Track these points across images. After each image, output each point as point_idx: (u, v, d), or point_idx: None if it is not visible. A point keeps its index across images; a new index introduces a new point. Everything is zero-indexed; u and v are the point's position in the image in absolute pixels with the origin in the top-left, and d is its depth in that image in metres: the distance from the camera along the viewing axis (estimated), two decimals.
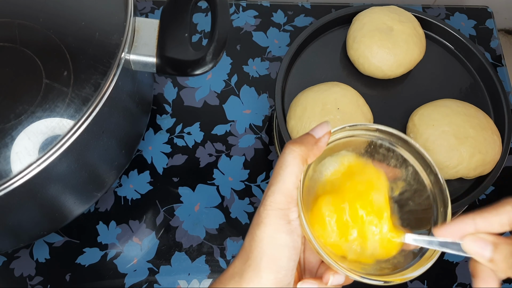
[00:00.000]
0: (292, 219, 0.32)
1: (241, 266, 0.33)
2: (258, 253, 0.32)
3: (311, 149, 0.33)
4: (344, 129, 0.34)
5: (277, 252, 0.31)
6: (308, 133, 0.34)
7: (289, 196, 0.32)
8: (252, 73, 0.65)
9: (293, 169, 0.32)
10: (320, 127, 0.34)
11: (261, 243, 0.31)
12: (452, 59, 0.61)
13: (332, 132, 0.34)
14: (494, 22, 0.71)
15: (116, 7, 0.43)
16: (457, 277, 0.56)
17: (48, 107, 0.38)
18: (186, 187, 0.59)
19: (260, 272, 0.31)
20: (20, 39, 0.40)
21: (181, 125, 0.62)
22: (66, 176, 0.42)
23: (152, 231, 0.56)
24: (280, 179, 0.32)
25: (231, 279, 0.33)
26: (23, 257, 0.54)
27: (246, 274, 0.32)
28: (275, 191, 0.32)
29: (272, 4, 0.70)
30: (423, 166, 0.34)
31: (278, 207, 0.32)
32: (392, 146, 0.35)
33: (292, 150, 0.32)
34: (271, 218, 0.31)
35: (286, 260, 0.32)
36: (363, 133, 0.35)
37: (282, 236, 0.31)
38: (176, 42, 0.44)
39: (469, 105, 0.55)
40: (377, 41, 0.56)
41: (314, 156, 0.33)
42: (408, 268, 0.32)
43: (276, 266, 0.31)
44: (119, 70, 0.41)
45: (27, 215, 0.44)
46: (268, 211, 0.32)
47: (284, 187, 0.32)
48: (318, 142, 0.33)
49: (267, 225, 0.31)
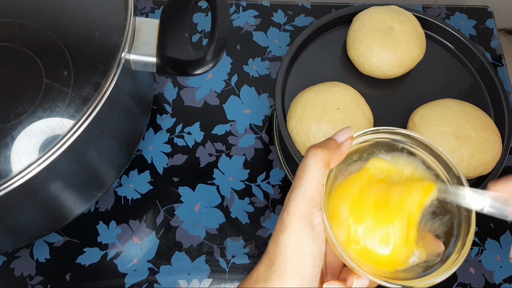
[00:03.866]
0: (316, 224, 0.32)
1: (265, 272, 0.32)
2: (283, 260, 0.31)
3: (333, 153, 0.32)
4: (366, 134, 0.34)
5: (302, 260, 0.31)
6: (331, 138, 0.33)
7: (313, 200, 0.31)
8: (252, 73, 0.65)
9: (316, 173, 0.31)
10: (342, 131, 0.33)
11: (286, 250, 0.31)
12: (452, 59, 0.61)
13: (354, 136, 0.34)
14: (494, 22, 0.71)
15: (116, 7, 0.43)
16: (457, 277, 0.56)
17: (48, 107, 0.38)
18: (186, 187, 0.59)
19: (285, 279, 0.31)
20: (20, 39, 0.40)
21: (181, 125, 0.62)
22: (66, 176, 0.42)
23: (152, 231, 0.56)
24: (303, 183, 0.32)
25: (256, 284, 0.33)
26: (23, 257, 0.55)
27: (271, 281, 0.32)
28: (298, 195, 0.31)
29: (272, 4, 0.70)
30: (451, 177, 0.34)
31: (301, 212, 0.31)
32: (414, 149, 0.35)
33: (314, 154, 0.32)
34: (295, 224, 0.31)
35: (311, 267, 0.31)
36: (385, 136, 0.35)
37: (306, 243, 0.31)
38: (176, 42, 0.44)
39: (469, 105, 0.55)
40: (377, 41, 0.56)
41: (336, 160, 0.33)
42: (429, 274, 0.32)
43: (301, 273, 0.31)
44: (119, 70, 0.41)
45: (28, 215, 0.44)
46: (291, 216, 0.31)
47: (307, 192, 0.31)
48: (340, 147, 0.33)
49: (291, 232, 0.31)
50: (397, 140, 0.35)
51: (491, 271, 0.56)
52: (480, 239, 0.57)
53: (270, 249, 0.32)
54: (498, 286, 0.55)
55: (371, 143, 0.35)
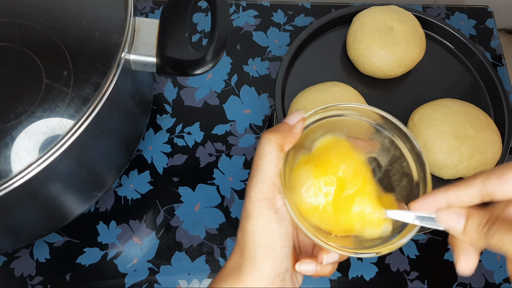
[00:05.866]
0: (279, 206, 0.32)
1: (238, 261, 0.34)
2: (252, 246, 0.32)
3: (286, 136, 0.33)
4: (317, 113, 0.35)
5: (271, 242, 0.32)
6: (283, 121, 0.34)
7: (272, 184, 0.32)
8: (252, 73, 0.65)
9: (271, 157, 0.32)
10: (294, 114, 0.34)
11: (253, 236, 0.32)
12: (452, 59, 0.61)
13: (306, 117, 0.34)
14: (494, 21, 0.71)
15: (116, 7, 0.43)
16: (457, 277, 0.56)
17: (48, 107, 0.38)
18: (186, 187, 0.59)
19: (257, 263, 0.32)
20: (20, 39, 0.40)
21: (181, 125, 0.62)
22: (66, 176, 0.42)
23: (152, 231, 0.56)
24: (260, 169, 0.32)
25: (230, 274, 0.34)
26: (24, 257, 0.55)
27: (244, 267, 0.33)
28: (258, 181, 0.32)
29: (272, 4, 0.70)
30: (399, 136, 0.35)
31: (263, 197, 0.32)
32: (367, 121, 0.36)
33: (268, 139, 0.33)
34: (258, 210, 0.32)
35: (280, 248, 0.32)
36: (336, 113, 0.35)
37: (272, 226, 0.32)
38: (176, 42, 0.44)
39: (469, 104, 0.55)
40: (377, 40, 0.56)
41: (290, 142, 0.33)
42: (394, 238, 0.33)
43: (272, 255, 0.32)
44: (119, 70, 0.41)
45: (28, 215, 0.44)
46: (254, 203, 0.32)
47: (266, 176, 0.32)
48: (293, 129, 0.34)
49: (255, 218, 0.32)
50: (349, 114, 0.36)
51: (491, 271, 0.56)
52: None
53: (239, 238, 0.33)
54: (498, 286, 0.55)
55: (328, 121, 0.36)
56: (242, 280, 0.33)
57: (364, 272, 0.55)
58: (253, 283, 0.32)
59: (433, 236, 0.57)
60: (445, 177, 0.53)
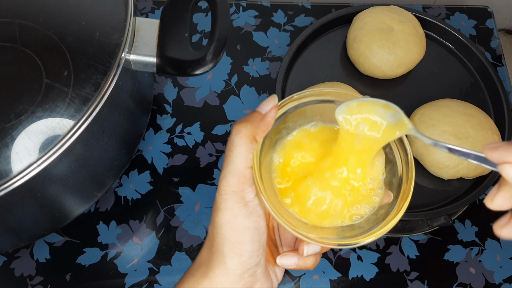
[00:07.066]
0: (249, 200, 0.31)
1: (206, 255, 0.33)
2: (220, 240, 0.32)
3: (258, 126, 0.32)
4: (292, 99, 0.33)
5: (238, 237, 0.31)
6: (255, 110, 0.33)
7: (242, 177, 0.31)
8: (252, 73, 0.65)
9: (241, 149, 0.31)
10: (266, 101, 0.33)
11: (221, 229, 0.31)
12: (452, 59, 0.61)
13: (279, 104, 0.33)
14: (494, 22, 0.71)
15: (116, 7, 0.43)
16: (457, 277, 0.56)
17: (48, 107, 0.38)
18: (186, 187, 0.59)
19: (224, 258, 0.32)
20: (20, 39, 0.40)
21: (181, 125, 0.62)
22: (66, 176, 0.42)
23: (152, 231, 0.56)
24: (230, 161, 0.31)
25: (198, 268, 0.33)
26: (24, 257, 0.54)
27: (211, 262, 0.32)
28: (227, 174, 0.31)
29: (272, 4, 0.70)
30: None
31: (231, 190, 0.31)
32: None
33: (238, 131, 0.31)
34: (227, 203, 0.31)
35: (249, 243, 0.31)
36: (313, 99, 0.34)
37: (240, 219, 0.31)
38: (176, 42, 0.44)
39: (469, 105, 0.55)
40: (377, 40, 0.56)
41: (262, 132, 0.32)
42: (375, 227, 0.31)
43: (239, 250, 0.31)
44: (119, 70, 0.41)
45: (28, 215, 0.44)
46: (222, 196, 0.31)
47: (235, 169, 0.31)
48: (265, 118, 0.32)
49: (223, 211, 0.31)
50: (327, 100, 0.34)
51: (491, 271, 0.56)
52: (480, 239, 0.57)
53: (209, 232, 0.33)
54: (498, 286, 0.55)
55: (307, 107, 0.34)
56: (209, 275, 0.32)
57: (364, 272, 0.55)
58: (220, 278, 0.32)
59: (433, 236, 0.57)
60: (445, 177, 0.53)
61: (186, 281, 0.34)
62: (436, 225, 0.55)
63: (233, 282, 0.32)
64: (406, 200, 0.31)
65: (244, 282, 0.32)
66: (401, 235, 0.56)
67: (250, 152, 0.31)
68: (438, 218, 0.54)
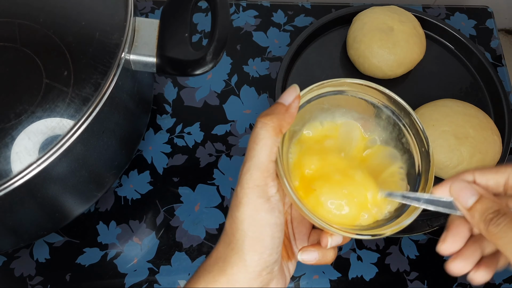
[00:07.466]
0: (271, 195, 0.31)
1: (224, 250, 0.32)
2: (240, 236, 0.31)
3: (282, 118, 0.31)
4: (312, 90, 0.33)
5: (259, 233, 0.30)
6: (278, 102, 0.32)
7: (265, 171, 0.30)
8: (252, 73, 0.65)
9: (266, 142, 0.30)
10: (288, 92, 0.32)
11: (242, 225, 0.31)
12: (452, 59, 0.61)
13: (301, 95, 0.33)
14: (494, 22, 0.71)
15: (116, 7, 0.43)
16: (457, 277, 0.56)
17: (48, 107, 0.38)
18: (186, 187, 0.59)
19: (243, 255, 0.31)
20: (20, 39, 0.40)
21: (181, 125, 0.62)
22: (66, 176, 0.42)
23: (152, 231, 0.56)
24: (254, 155, 0.30)
25: (214, 265, 0.32)
26: (23, 257, 0.54)
27: (230, 258, 0.31)
28: (251, 167, 0.30)
29: (272, 4, 0.70)
30: (398, 111, 0.35)
31: (255, 184, 0.30)
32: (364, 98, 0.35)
33: (264, 124, 0.31)
34: (249, 197, 0.30)
35: (270, 239, 0.31)
36: (332, 89, 0.34)
37: (262, 215, 0.30)
38: (176, 42, 0.44)
39: (469, 105, 0.55)
40: (377, 40, 0.56)
41: (287, 124, 0.31)
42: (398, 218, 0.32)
43: (260, 247, 0.31)
44: (119, 70, 0.41)
45: (27, 215, 0.44)
46: (245, 190, 0.30)
47: (259, 162, 0.30)
48: (289, 109, 0.32)
49: (245, 205, 0.30)
50: (345, 90, 0.34)
51: None
52: None
53: (228, 227, 0.32)
54: (498, 286, 0.55)
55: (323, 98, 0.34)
56: (227, 271, 0.31)
57: (364, 272, 0.55)
58: (238, 275, 0.31)
59: (433, 237, 0.57)
60: (445, 177, 0.53)
61: (202, 278, 0.33)
62: (436, 225, 0.55)
63: (251, 279, 0.31)
64: (425, 190, 0.32)
65: (261, 280, 0.32)
66: (401, 235, 0.56)
67: (275, 145, 0.31)
68: (438, 218, 0.54)
